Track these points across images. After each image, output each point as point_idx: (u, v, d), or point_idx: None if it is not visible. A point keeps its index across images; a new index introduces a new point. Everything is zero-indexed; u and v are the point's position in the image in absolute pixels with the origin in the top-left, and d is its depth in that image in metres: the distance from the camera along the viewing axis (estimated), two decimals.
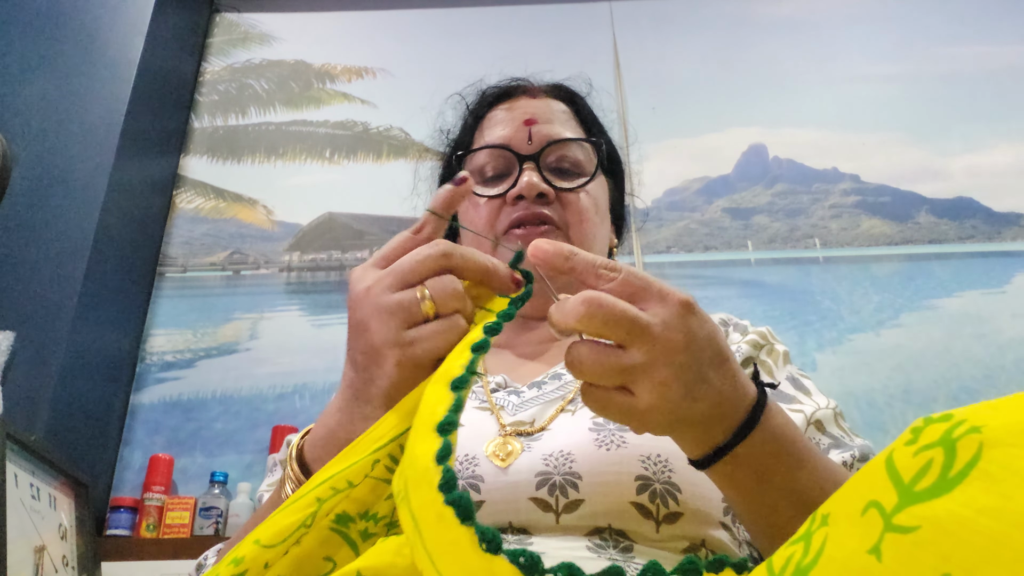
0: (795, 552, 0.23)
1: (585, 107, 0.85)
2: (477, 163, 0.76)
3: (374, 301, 0.43)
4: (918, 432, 0.22)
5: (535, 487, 0.54)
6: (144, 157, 1.94)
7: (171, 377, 1.86)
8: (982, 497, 0.19)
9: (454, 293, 0.43)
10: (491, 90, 0.84)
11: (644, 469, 0.54)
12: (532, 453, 0.57)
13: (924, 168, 2.13)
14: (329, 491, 0.39)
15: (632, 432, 0.56)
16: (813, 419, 0.62)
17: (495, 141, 0.76)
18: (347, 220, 2.12)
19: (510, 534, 0.54)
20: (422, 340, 0.42)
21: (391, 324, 0.42)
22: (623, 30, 2.32)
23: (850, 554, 0.20)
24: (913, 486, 0.20)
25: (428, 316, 0.43)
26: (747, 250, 2.06)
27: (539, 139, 0.74)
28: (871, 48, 2.26)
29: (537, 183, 0.71)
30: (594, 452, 0.55)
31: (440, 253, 0.44)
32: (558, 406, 0.63)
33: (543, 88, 0.84)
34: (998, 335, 1.86)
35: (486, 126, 0.80)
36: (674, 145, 2.18)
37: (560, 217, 0.72)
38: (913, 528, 0.19)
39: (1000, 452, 0.19)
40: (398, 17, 2.38)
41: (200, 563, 0.65)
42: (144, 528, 1.56)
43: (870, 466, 0.22)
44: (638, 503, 0.53)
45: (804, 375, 0.70)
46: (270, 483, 0.73)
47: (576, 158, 0.76)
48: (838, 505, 0.23)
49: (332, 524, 0.39)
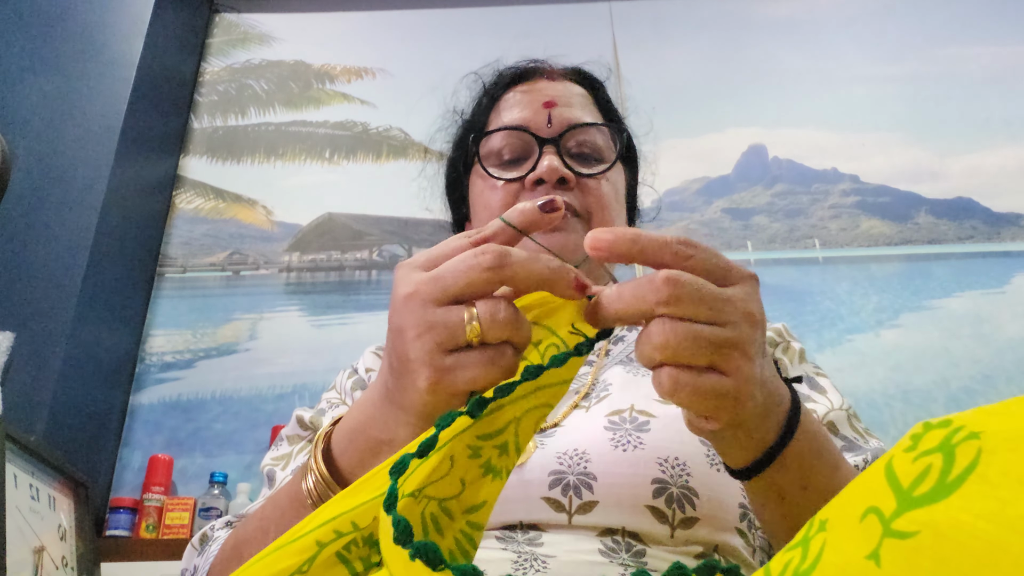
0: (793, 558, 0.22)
1: (604, 92, 0.82)
2: (493, 145, 0.73)
3: (415, 311, 0.38)
4: (917, 439, 0.22)
5: (548, 486, 0.53)
6: (144, 157, 1.94)
7: (171, 377, 1.86)
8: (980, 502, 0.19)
9: (507, 321, 0.37)
10: (508, 71, 0.81)
11: (661, 472, 0.53)
12: (546, 451, 0.56)
13: (923, 168, 2.13)
14: (331, 534, 0.35)
15: (651, 432, 0.55)
16: (826, 420, 0.61)
17: (513, 122, 0.73)
18: (346, 220, 2.12)
19: (520, 531, 0.53)
20: (461, 369, 0.37)
21: (429, 342, 0.38)
22: (623, 30, 2.32)
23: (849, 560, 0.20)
24: (912, 491, 0.20)
25: (471, 342, 0.37)
26: (747, 250, 2.06)
27: (559, 122, 0.72)
28: (871, 48, 2.26)
29: (558, 167, 0.68)
30: (610, 452, 0.54)
31: (491, 263, 0.37)
32: (572, 401, 0.61)
33: (562, 71, 0.81)
34: (997, 335, 1.86)
35: (503, 107, 0.77)
36: (674, 145, 2.18)
37: (580, 204, 0.69)
38: (912, 534, 0.19)
39: (999, 457, 0.19)
40: (398, 17, 2.38)
41: (206, 533, 0.63)
42: (144, 529, 1.56)
43: (869, 472, 0.22)
44: (654, 507, 0.52)
45: (820, 372, 0.68)
46: (275, 456, 0.70)
47: (596, 143, 0.73)
48: (836, 511, 0.23)
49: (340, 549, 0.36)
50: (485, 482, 0.38)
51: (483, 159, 0.73)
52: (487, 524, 0.53)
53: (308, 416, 0.71)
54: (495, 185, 0.71)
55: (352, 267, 2.07)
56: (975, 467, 0.19)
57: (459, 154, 0.82)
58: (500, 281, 0.38)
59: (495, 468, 0.38)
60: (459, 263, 0.38)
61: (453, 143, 0.85)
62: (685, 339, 0.36)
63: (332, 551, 0.35)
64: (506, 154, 0.73)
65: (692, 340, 0.36)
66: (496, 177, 0.71)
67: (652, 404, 0.59)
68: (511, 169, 0.72)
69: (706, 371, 0.37)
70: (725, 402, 0.37)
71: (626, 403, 0.59)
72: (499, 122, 0.75)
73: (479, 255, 0.38)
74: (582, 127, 0.72)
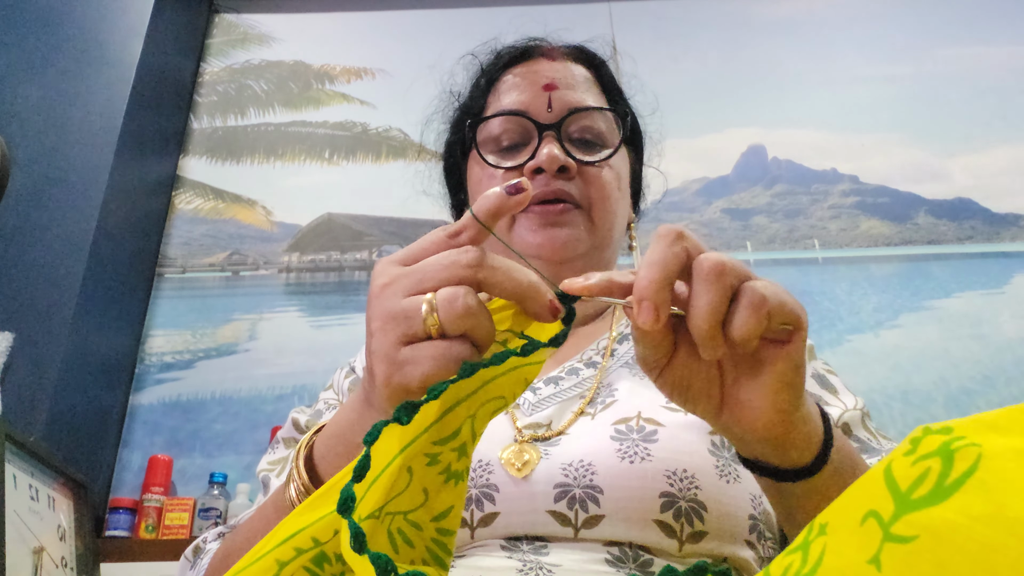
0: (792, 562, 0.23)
1: (607, 73, 0.78)
2: (491, 131, 0.70)
3: (383, 303, 0.37)
4: (916, 443, 0.22)
5: (554, 499, 0.51)
6: (143, 158, 1.94)
7: (170, 378, 1.86)
8: (977, 505, 0.19)
9: (465, 311, 0.35)
10: (506, 50, 0.78)
11: (669, 485, 0.51)
12: (550, 461, 0.54)
13: (923, 169, 2.13)
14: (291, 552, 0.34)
15: (658, 443, 0.54)
16: (840, 423, 0.59)
17: (512, 107, 0.70)
18: (346, 221, 2.12)
19: (525, 543, 0.51)
20: (413, 364, 0.36)
21: (389, 335, 0.36)
22: (623, 30, 2.32)
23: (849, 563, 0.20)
24: (910, 494, 0.20)
25: (430, 334, 0.36)
26: (746, 251, 2.06)
27: (560, 107, 0.68)
28: (871, 48, 2.26)
29: (559, 156, 0.65)
30: (616, 464, 0.52)
31: (469, 262, 0.36)
32: (577, 407, 0.60)
33: (563, 50, 0.77)
34: (997, 336, 1.86)
35: (501, 90, 0.73)
36: (673, 146, 2.18)
37: (581, 193, 0.67)
38: (911, 538, 0.19)
39: (997, 463, 0.19)
40: (397, 18, 2.38)
41: (198, 545, 0.61)
42: (143, 529, 1.56)
43: (869, 476, 0.22)
44: (662, 521, 0.51)
45: (831, 371, 0.66)
46: (271, 460, 0.69)
47: (599, 129, 0.70)
48: (837, 515, 0.23)
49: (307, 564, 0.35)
50: (448, 488, 0.37)
51: (480, 145, 0.70)
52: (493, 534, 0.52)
53: (304, 419, 0.70)
54: (493, 174, 0.68)
55: (352, 267, 2.07)
56: (974, 471, 0.19)
57: (457, 138, 0.78)
58: (477, 281, 0.36)
59: (456, 472, 0.37)
60: (441, 259, 0.37)
61: (450, 126, 0.80)
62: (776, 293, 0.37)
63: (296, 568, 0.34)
64: (504, 140, 0.69)
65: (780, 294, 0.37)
66: (494, 166, 0.68)
67: (660, 411, 0.57)
68: (510, 156, 0.69)
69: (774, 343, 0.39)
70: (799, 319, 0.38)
71: (633, 410, 0.57)
72: (497, 106, 0.72)
73: (462, 253, 0.37)
74: (584, 111, 0.69)
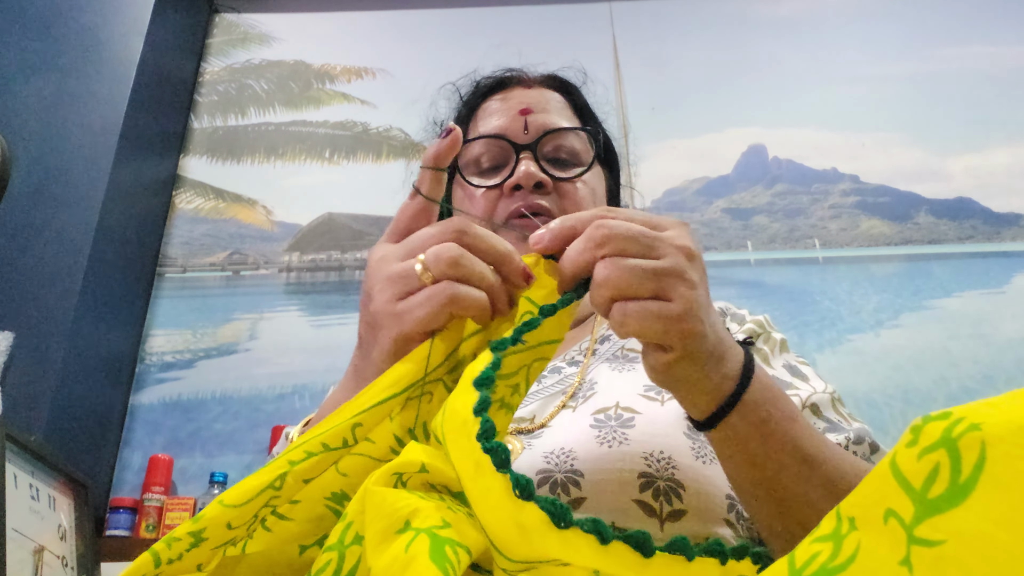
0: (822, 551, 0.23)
1: (580, 97, 0.84)
2: (472, 154, 0.75)
3: (380, 270, 0.44)
4: (918, 431, 0.22)
5: (536, 486, 0.54)
6: (144, 157, 1.94)
7: (171, 377, 1.86)
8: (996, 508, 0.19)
9: (449, 260, 0.42)
10: (485, 80, 0.84)
11: (647, 467, 0.54)
12: (533, 451, 0.56)
13: (924, 168, 2.13)
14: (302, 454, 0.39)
15: (636, 428, 0.56)
16: (808, 403, 0.61)
17: (491, 131, 0.75)
18: (346, 220, 2.12)
19: None
20: (408, 312, 0.42)
21: (388, 293, 0.43)
22: (623, 30, 2.32)
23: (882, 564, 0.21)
24: (925, 494, 0.20)
25: (426, 285, 0.42)
26: (747, 250, 2.06)
27: (535, 128, 0.74)
28: (871, 48, 2.26)
29: (535, 172, 0.70)
30: (596, 449, 0.55)
31: (454, 229, 0.44)
32: (559, 402, 0.62)
33: (537, 78, 0.83)
34: (997, 335, 1.86)
35: (480, 116, 0.79)
36: (673, 145, 2.18)
37: (558, 208, 0.71)
38: (939, 542, 0.20)
39: (1003, 452, 0.19)
40: (397, 17, 2.38)
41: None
42: (144, 529, 1.56)
43: (878, 470, 0.23)
44: (641, 501, 0.53)
45: (803, 362, 0.69)
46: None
47: (573, 148, 0.75)
48: (861, 509, 0.23)
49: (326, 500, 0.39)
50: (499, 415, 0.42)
51: (463, 168, 0.75)
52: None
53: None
54: (475, 193, 0.73)
55: (352, 267, 2.07)
56: (983, 464, 0.19)
57: None
58: (463, 245, 0.43)
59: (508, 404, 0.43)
60: (429, 230, 0.44)
61: None
62: (624, 271, 0.40)
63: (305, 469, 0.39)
64: (485, 162, 0.74)
65: (630, 271, 0.40)
66: (475, 185, 0.73)
67: (637, 400, 0.60)
68: (490, 176, 0.73)
69: (651, 300, 0.40)
70: (673, 325, 0.40)
71: (611, 401, 0.60)
72: (477, 131, 0.77)
73: (447, 224, 0.44)
74: (558, 132, 0.74)
